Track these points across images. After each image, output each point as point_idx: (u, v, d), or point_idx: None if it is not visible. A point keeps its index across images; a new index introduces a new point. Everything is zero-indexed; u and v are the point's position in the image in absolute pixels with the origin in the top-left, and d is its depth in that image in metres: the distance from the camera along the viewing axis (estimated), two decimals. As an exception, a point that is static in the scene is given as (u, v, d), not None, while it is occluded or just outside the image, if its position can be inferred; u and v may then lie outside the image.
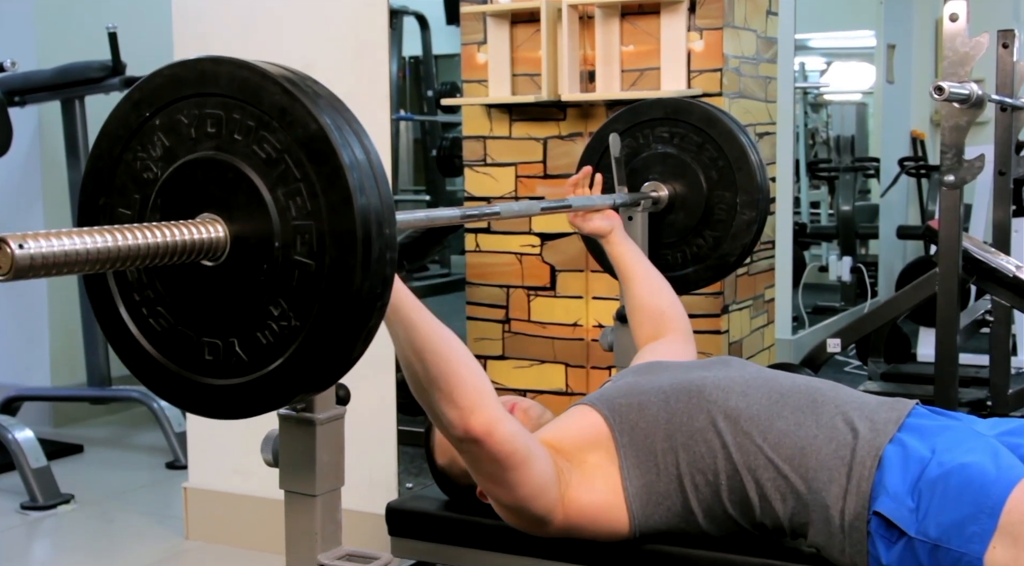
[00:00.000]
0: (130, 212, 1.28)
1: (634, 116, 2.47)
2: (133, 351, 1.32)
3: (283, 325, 1.20)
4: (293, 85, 1.17)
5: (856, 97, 7.40)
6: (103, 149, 1.30)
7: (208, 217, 1.21)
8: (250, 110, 1.18)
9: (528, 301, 3.10)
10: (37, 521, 3.23)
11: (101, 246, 1.08)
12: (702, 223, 2.42)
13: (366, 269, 1.16)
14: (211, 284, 1.23)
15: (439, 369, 1.50)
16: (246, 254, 1.20)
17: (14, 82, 3.88)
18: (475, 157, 3.14)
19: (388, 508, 1.97)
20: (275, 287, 1.19)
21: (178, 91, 1.23)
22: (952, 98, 2.17)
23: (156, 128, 1.25)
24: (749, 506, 1.65)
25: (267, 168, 1.18)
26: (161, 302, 1.28)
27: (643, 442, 1.69)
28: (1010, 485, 1.49)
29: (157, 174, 1.26)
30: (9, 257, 0.99)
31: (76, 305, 4.09)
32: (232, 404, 1.26)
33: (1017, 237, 3.59)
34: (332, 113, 1.18)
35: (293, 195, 1.17)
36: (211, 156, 1.21)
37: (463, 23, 3.13)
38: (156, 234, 1.14)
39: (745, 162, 2.38)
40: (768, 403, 1.68)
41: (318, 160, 1.15)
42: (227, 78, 1.20)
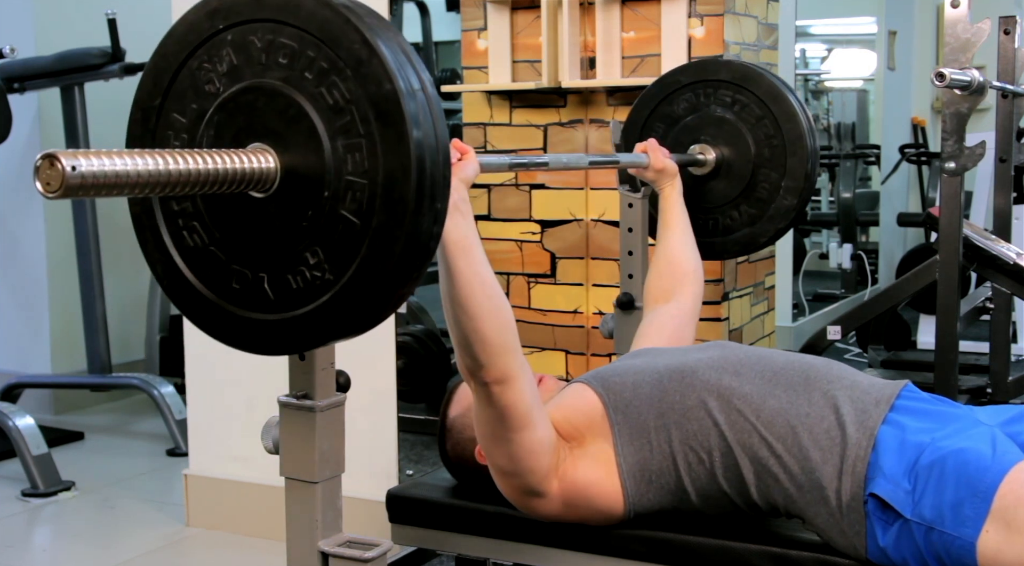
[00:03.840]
0: (184, 120, 1.25)
1: (699, 72, 2.43)
2: (164, 259, 1.30)
3: (316, 275, 1.18)
4: (375, 35, 1.13)
5: (857, 84, 7.39)
6: (168, 50, 1.26)
7: (260, 147, 1.18)
8: (326, 52, 1.15)
9: (528, 288, 3.10)
10: (38, 508, 3.24)
11: (152, 169, 1.04)
12: (742, 197, 2.40)
13: (411, 239, 1.14)
14: (251, 214, 1.21)
15: (462, 320, 1.54)
16: (292, 195, 1.18)
17: (13, 69, 3.87)
18: (475, 144, 3.14)
19: (388, 495, 1.97)
20: (315, 236, 1.17)
21: (256, 11, 1.19)
22: (953, 85, 2.16)
23: (227, 42, 1.21)
24: (743, 484, 1.66)
25: (331, 114, 1.15)
26: (198, 218, 1.26)
27: (636, 420, 1.70)
28: (1005, 470, 1.50)
29: (219, 89, 1.22)
30: (60, 174, 0.96)
31: (76, 292, 4.08)
32: (247, 337, 1.25)
33: (1018, 224, 3.59)
34: (409, 73, 1.13)
35: (352, 149, 1.14)
36: (277, 87, 1.18)
37: (463, 9, 3.12)
38: (209, 160, 1.11)
39: (800, 147, 2.35)
40: (761, 381, 1.69)
41: (385, 121, 1.12)
42: (308, 13, 1.16)
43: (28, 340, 4.40)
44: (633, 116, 2.50)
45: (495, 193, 3.13)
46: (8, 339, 4.44)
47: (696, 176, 2.41)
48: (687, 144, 2.42)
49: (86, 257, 4.01)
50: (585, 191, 3.02)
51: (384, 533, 1.87)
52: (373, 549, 1.50)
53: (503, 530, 1.82)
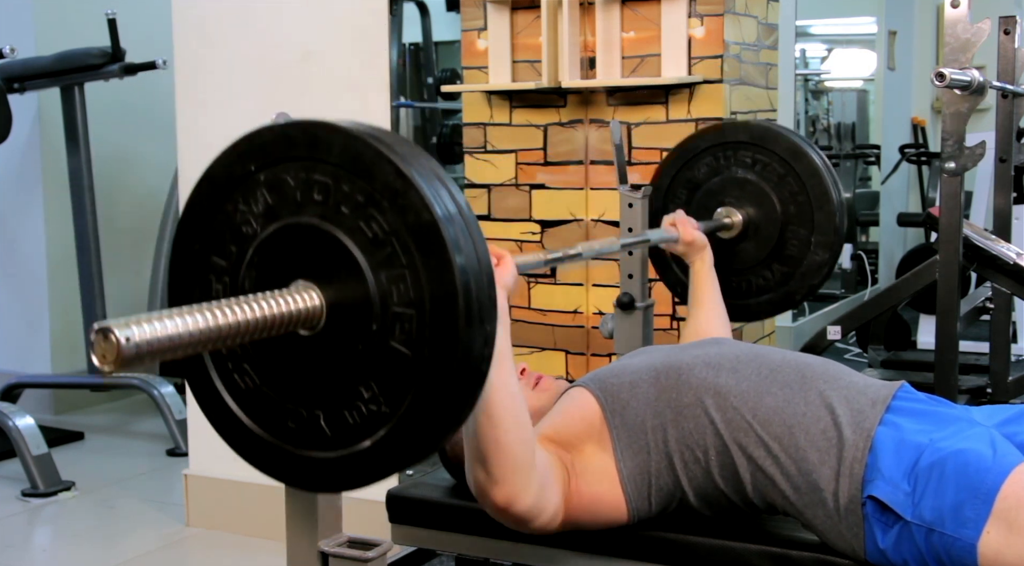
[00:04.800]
0: (224, 262, 1.25)
1: (718, 136, 2.43)
2: (215, 404, 1.29)
3: (372, 409, 1.17)
4: (408, 165, 1.12)
5: (857, 84, 7.39)
6: (203, 193, 1.25)
7: (304, 285, 1.17)
8: (360, 185, 1.14)
9: (528, 288, 3.10)
10: (38, 508, 3.24)
11: (204, 327, 1.05)
12: (772, 256, 2.38)
13: (463, 365, 1.13)
14: (301, 352, 1.20)
15: (485, 430, 1.51)
16: (341, 331, 1.17)
17: (13, 69, 3.87)
18: (475, 144, 3.14)
19: (388, 495, 1.97)
20: (368, 369, 1.16)
21: (287, 151, 1.19)
22: (953, 85, 2.16)
23: (260, 183, 1.21)
24: (740, 482, 1.65)
25: (372, 247, 1.14)
26: (248, 359, 1.25)
27: (634, 421, 1.70)
28: (1006, 471, 1.50)
29: (256, 230, 1.22)
30: (115, 348, 0.97)
31: (76, 292, 4.09)
32: (309, 476, 1.24)
33: (1018, 224, 3.59)
34: (445, 198, 1.13)
35: (396, 280, 1.13)
36: (315, 224, 1.17)
37: (463, 9, 3.12)
38: (256, 308, 1.11)
39: (827, 202, 2.33)
40: (758, 379, 1.69)
41: (427, 250, 1.11)
42: (340, 148, 1.15)
43: (28, 340, 4.40)
44: (656, 183, 2.48)
45: (495, 193, 3.13)
46: (8, 339, 4.44)
47: (725, 240, 2.40)
48: (712, 208, 2.41)
49: (86, 257, 4.01)
50: (585, 191, 3.02)
51: (384, 533, 1.87)
52: (373, 549, 1.50)
53: (503, 530, 1.81)
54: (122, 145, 4.50)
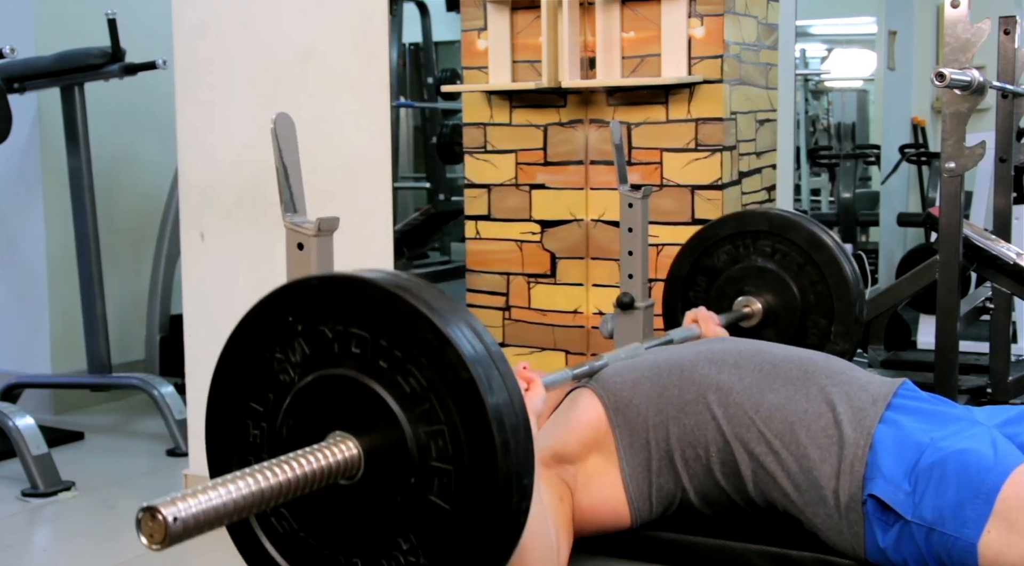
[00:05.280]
0: (262, 408, 1.26)
1: (738, 225, 2.43)
2: (253, 548, 1.31)
3: (410, 560, 1.18)
4: (446, 323, 1.13)
5: (857, 84, 7.38)
6: (241, 340, 1.27)
7: (342, 436, 1.18)
8: (399, 341, 1.15)
9: (528, 288, 3.10)
10: (38, 508, 3.24)
11: (247, 494, 1.05)
12: (792, 345, 2.39)
13: (503, 521, 1.14)
14: (341, 501, 1.21)
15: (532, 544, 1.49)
16: (379, 481, 1.18)
17: (13, 69, 3.87)
18: (475, 144, 3.14)
19: (388, 495, 1.97)
20: (406, 521, 1.17)
21: (325, 304, 1.20)
22: (953, 85, 2.16)
23: (298, 333, 1.22)
24: (740, 480, 1.65)
25: (410, 402, 1.15)
26: (287, 505, 1.25)
27: (636, 419, 1.70)
28: (1007, 471, 1.50)
29: (294, 379, 1.23)
30: (162, 527, 0.98)
31: (76, 292, 4.08)
32: None
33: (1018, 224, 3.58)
34: (480, 350, 1.14)
35: (435, 436, 1.14)
36: (352, 376, 1.18)
37: (463, 9, 3.12)
38: (297, 467, 1.11)
39: (846, 292, 2.34)
40: (760, 375, 1.69)
41: (466, 409, 1.12)
42: (378, 303, 1.16)
43: (28, 340, 4.40)
44: (675, 270, 2.49)
45: (495, 193, 3.13)
46: (8, 339, 4.44)
47: (744, 328, 2.39)
48: (731, 295, 2.42)
49: (86, 257, 4.01)
50: (585, 191, 3.02)
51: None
52: (373, 549, 1.50)
53: None
54: (122, 145, 4.49)
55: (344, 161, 2.74)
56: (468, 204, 3.20)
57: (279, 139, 1.57)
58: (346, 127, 2.75)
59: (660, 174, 2.91)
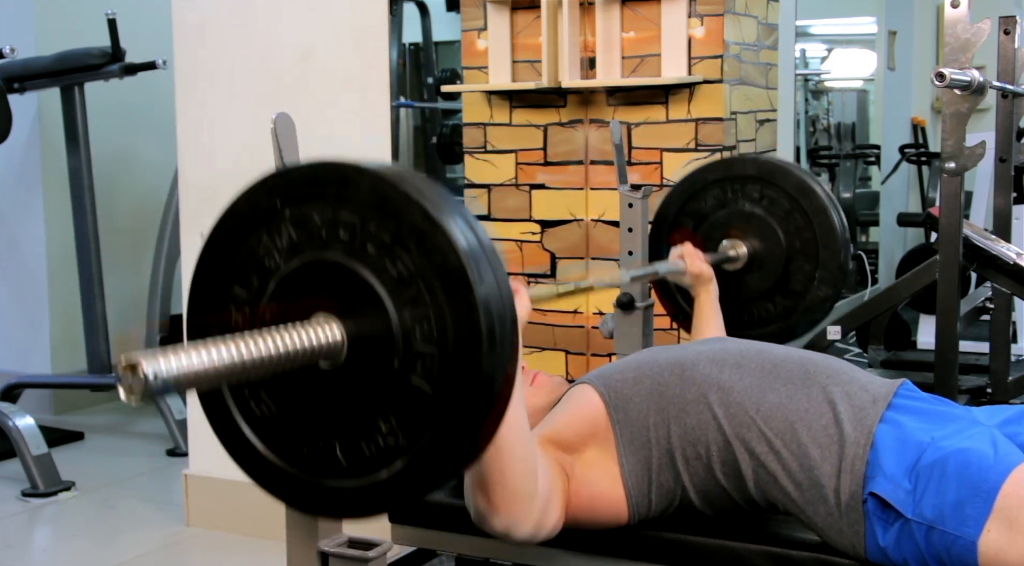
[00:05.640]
0: (246, 293, 1.25)
1: (727, 169, 2.44)
2: (229, 429, 1.30)
3: (389, 442, 1.18)
4: (436, 208, 1.13)
5: (857, 84, 7.39)
6: (228, 226, 1.26)
7: (325, 317, 1.18)
8: (388, 226, 1.15)
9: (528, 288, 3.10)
10: (38, 508, 3.24)
11: (228, 361, 1.06)
12: (775, 289, 2.39)
13: (484, 406, 1.14)
14: (321, 384, 1.21)
15: (491, 459, 1.50)
16: (361, 365, 1.18)
17: (13, 69, 3.87)
18: (475, 144, 3.14)
19: (388, 495, 1.97)
20: (387, 403, 1.17)
21: (315, 190, 1.19)
22: (953, 85, 2.16)
23: (286, 219, 1.22)
24: (741, 479, 1.65)
25: (396, 286, 1.15)
26: (265, 387, 1.26)
27: (637, 417, 1.70)
28: (1007, 470, 1.50)
29: (279, 264, 1.23)
30: (142, 382, 0.99)
31: (76, 292, 4.09)
32: (321, 504, 1.26)
33: (1018, 224, 3.58)
34: (473, 242, 1.14)
35: (420, 319, 1.14)
36: (340, 261, 1.18)
37: (463, 9, 3.12)
38: (279, 341, 1.12)
39: (832, 239, 2.35)
40: (761, 375, 1.69)
41: (453, 294, 1.12)
42: (368, 190, 1.16)
43: (28, 340, 4.40)
44: (662, 212, 2.49)
45: (495, 193, 3.13)
46: (8, 339, 4.44)
47: (729, 271, 2.41)
48: (717, 239, 2.42)
49: (86, 257, 4.01)
50: (585, 191, 3.02)
51: (384, 533, 1.87)
52: (373, 549, 1.50)
53: (502, 533, 1.82)
54: (122, 145, 4.49)
55: (344, 161, 2.73)
56: (468, 204, 3.20)
57: (279, 139, 1.57)
58: (346, 127, 2.75)
59: (660, 174, 2.91)
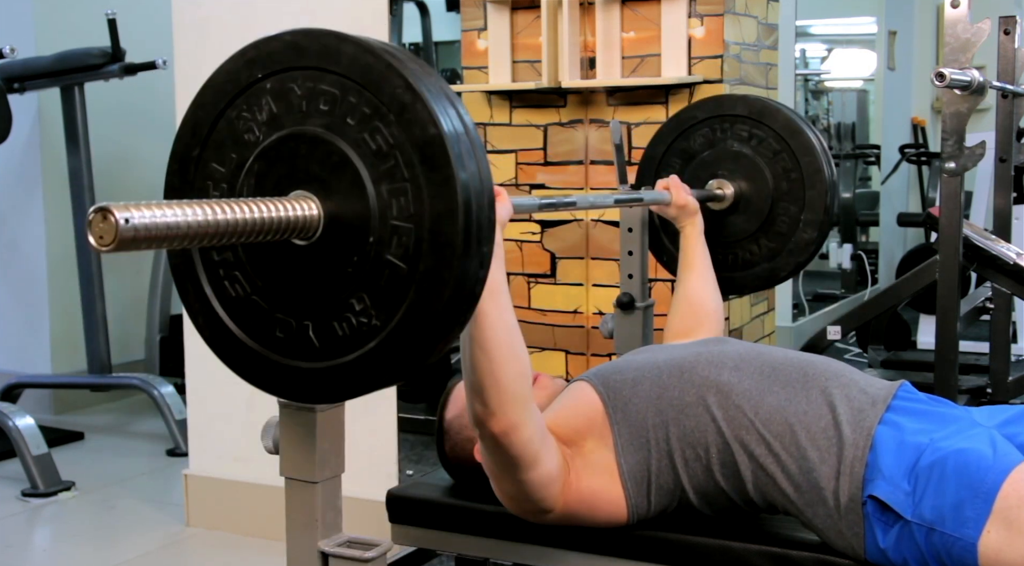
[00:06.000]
0: (223, 170, 1.24)
1: (716, 108, 2.43)
2: (204, 310, 1.28)
3: (362, 322, 1.17)
4: (417, 80, 1.12)
5: (857, 84, 7.39)
6: (206, 100, 1.25)
7: (303, 194, 1.17)
8: (368, 97, 1.13)
9: (528, 288, 3.10)
10: (38, 508, 3.24)
11: (201, 220, 1.04)
12: (761, 231, 2.38)
13: (458, 284, 1.13)
14: (295, 262, 1.20)
15: (481, 363, 1.52)
16: (337, 241, 1.17)
17: (13, 69, 3.87)
18: (475, 144, 3.14)
19: (388, 495, 1.97)
20: (361, 282, 1.16)
21: (296, 60, 1.18)
22: (953, 85, 2.16)
23: (266, 91, 1.20)
24: (740, 480, 1.65)
25: (375, 160, 1.14)
26: (240, 267, 1.25)
27: (636, 418, 1.70)
28: (1006, 470, 1.50)
29: (258, 138, 1.21)
30: (113, 228, 0.97)
31: (76, 292, 4.08)
32: (293, 386, 1.24)
33: (1018, 224, 3.59)
34: (452, 116, 1.13)
35: (397, 194, 1.13)
36: (319, 134, 1.17)
37: (463, 9, 3.12)
38: (255, 209, 1.10)
39: (819, 180, 2.33)
40: (760, 377, 1.69)
41: (431, 166, 1.11)
42: (349, 59, 1.15)
43: (28, 340, 4.40)
44: (650, 151, 2.48)
45: (495, 193, 3.13)
46: (8, 339, 4.44)
47: (715, 211, 2.39)
48: (705, 179, 2.41)
49: (86, 257, 4.01)
50: (585, 191, 3.02)
51: (384, 533, 1.87)
52: (373, 549, 1.50)
53: (503, 530, 1.82)
54: (122, 145, 4.49)
55: (344, 161, 2.73)
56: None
57: (279, 138, 1.57)
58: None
59: (660, 174, 2.91)
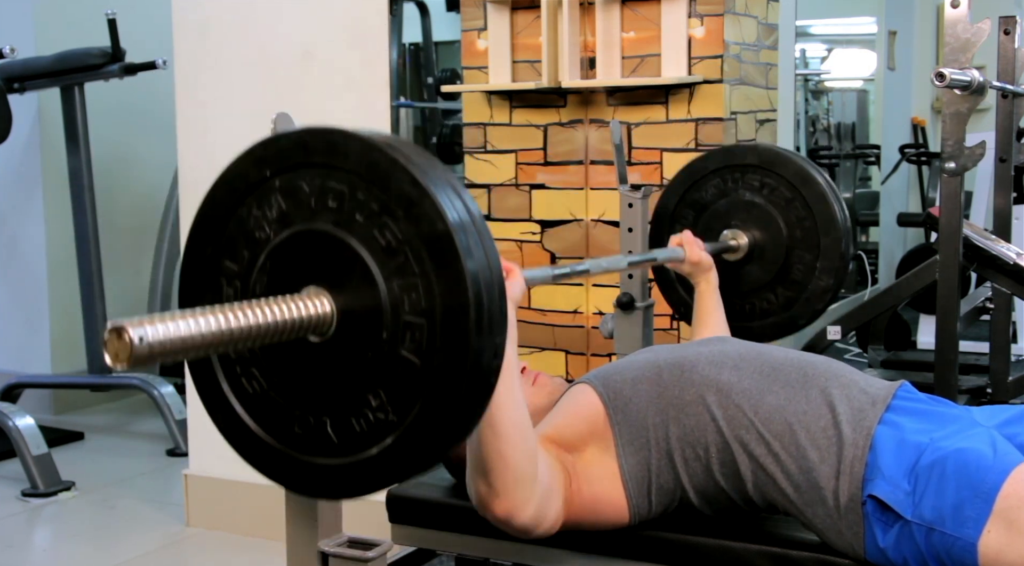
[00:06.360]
0: (236, 267, 1.25)
1: (727, 158, 2.42)
2: (221, 407, 1.29)
3: (379, 417, 1.17)
4: (423, 174, 1.13)
5: (857, 84, 7.39)
6: (217, 198, 1.26)
7: (315, 290, 1.17)
8: (376, 193, 1.14)
9: (528, 288, 3.10)
10: (38, 508, 3.24)
11: (216, 329, 1.05)
12: (777, 280, 2.38)
13: (473, 376, 1.13)
14: (311, 359, 1.20)
15: (490, 442, 1.51)
16: (351, 337, 1.17)
17: (13, 69, 3.87)
18: (475, 144, 3.14)
19: (388, 495, 1.97)
20: (376, 377, 1.16)
21: (304, 158, 1.19)
22: (953, 85, 2.16)
23: (275, 189, 1.21)
24: (740, 480, 1.65)
25: (385, 256, 1.14)
26: (256, 363, 1.25)
27: (636, 417, 1.70)
28: (1007, 470, 1.50)
29: (269, 236, 1.22)
30: (128, 346, 0.97)
31: (76, 292, 4.09)
32: (314, 483, 1.24)
33: (1018, 224, 3.59)
34: (459, 208, 1.13)
35: (408, 290, 1.13)
36: (329, 231, 1.17)
37: (463, 9, 3.12)
38: (268, 312, 1.11)
39: (833, 228, 2.32)
40: (760, 376, 1.69)
41: (440, 262, 1.11)
42: (356, 156, 1.15)
43: (28, 340, 4.40)
44: (663, 203, 2.48)
45: (495, 193, 3.13)
46: (8, 339, 4.44)
47: (730, 262, 2.39)
48: (718, 229, 2.41)
49: (86, 257, 4.01)
50: (585, 191, 3.02)
51: (384, 533, 1.87)
52: (373, 549, 1.50)
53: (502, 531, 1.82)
54: (122, 145, 4.49)
55: (344, 161, 2.73)
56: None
57: (279, 139, 1.57)
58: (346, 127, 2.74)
59: (660, 174, 2.91)
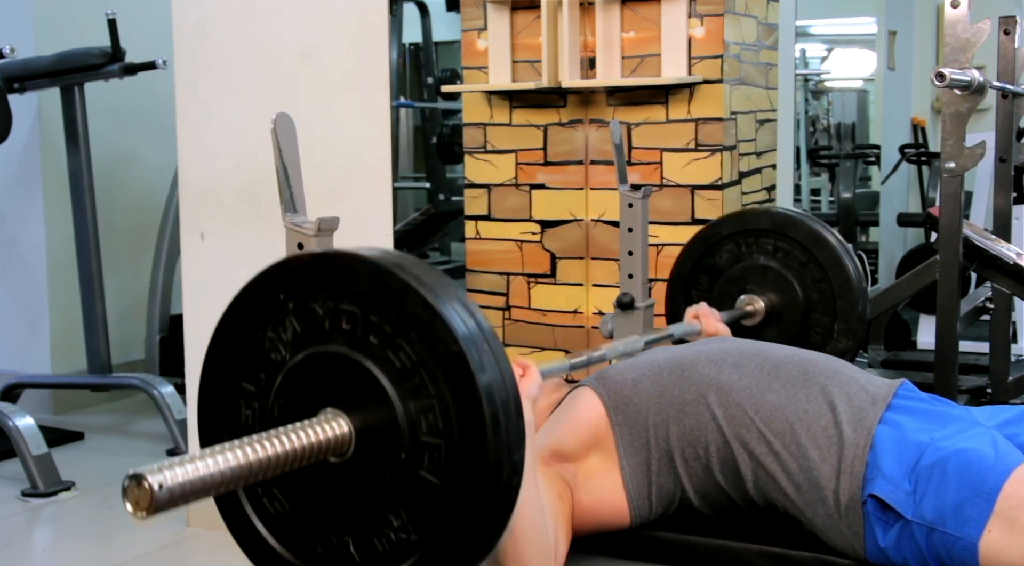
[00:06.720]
0: (253, 389, 1.26)
1: (740, 223, 2.42)
2: (244, 527, 1.30)
3: (401, 537, 1.17)
4: (435, 296, 1.13)
5: (857, 84, 7.38)
6: (233, 319, 1.27)
7: (332, 413, 1.18)
8: (388, 315, 1.15)
9: (528, 288, 3.10)
10: (38, 508, 3.23)
11: (235, 466, 1.06)
12: (795, 344, 2.33)
13: (493, 496, 1.14)
14: (331, 479, 1.20)
15: (507, 545, 1.50)
16: (370, 459, 1.18)
17: (13, 69, 3.86)
18: (475, 144, 3.14)
19: None
20: (397, 497, 1.17)
21: (316, 281, 1.20)
22: (953, 85, 2.16)
23: (289, 311, 1.22)
24: (740, 480, 1.65)
25: (400, 377, 1.15)
26: (278, 484, 1.25)
27: (636, 417, 1.70)
28: (1008, 470, 1.50)
29: (285, 358, 1.23)
30: (148, 494, 0.98)
31: (76, 292, 4.08)
32: None
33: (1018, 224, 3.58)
34: (472, 328, 1.14)
35: (425, 411, 1.14)
36: (343, 353, 1.18)
37: (463, 9, 3.12)
38: (287, 441, 1.12)
39: (849, 290, 2.32)
40: (760, 375, 1.69)
41: (455, 382, 1.12)
42: (367, 278, 1.16)
43: (28, 340, 4.40)
44: (678, 269, 2.48)
45: (495, 193, 3.13)
46: (8, 339, 4.44)
47: (748, 327, 2.38)
48: (734, 294, 2.41)
49: (86, 257, 4.00)
50: (585, 191, 3.02)
51: None
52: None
53: (503, 530, 1.82)
54: (122, 145, 4.49)
55: (344, 161, 2.74)
56: (468, 204, 3.20)
57: (279, 139, 1.57)
58: (346, 127, 2.75)
59: (660, 174, 2.91)
